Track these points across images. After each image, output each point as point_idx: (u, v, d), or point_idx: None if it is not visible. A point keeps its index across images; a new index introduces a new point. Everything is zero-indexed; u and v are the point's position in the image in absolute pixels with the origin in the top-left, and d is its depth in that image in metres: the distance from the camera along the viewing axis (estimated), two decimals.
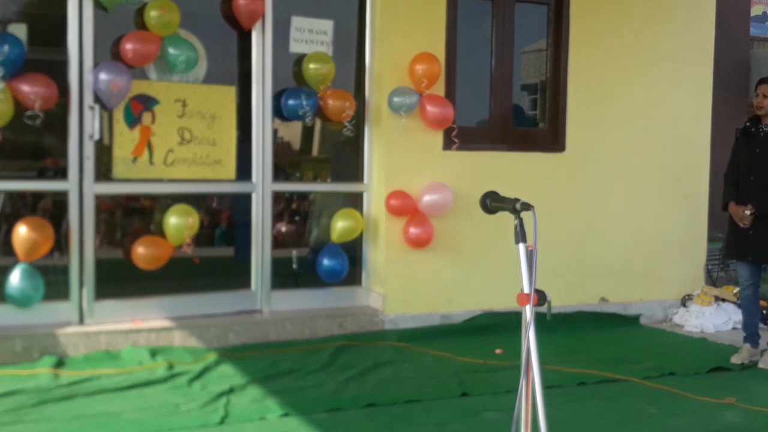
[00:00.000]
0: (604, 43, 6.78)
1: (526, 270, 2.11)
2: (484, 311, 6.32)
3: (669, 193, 7.10)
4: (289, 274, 6.20)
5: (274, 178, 5.95)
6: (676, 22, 7.10)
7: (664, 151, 7.06)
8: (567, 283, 6.51)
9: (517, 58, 6.72)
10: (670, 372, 5.23)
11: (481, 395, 4.65)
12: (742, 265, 5.66)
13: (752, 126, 5.62)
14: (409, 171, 6.11)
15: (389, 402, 4.48)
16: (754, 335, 5.61)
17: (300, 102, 5.82)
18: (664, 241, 7.07)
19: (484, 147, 6.42)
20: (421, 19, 6.13)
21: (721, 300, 6.91)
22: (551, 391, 4.14)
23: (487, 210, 2.35)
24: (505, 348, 5.60)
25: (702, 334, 6.50)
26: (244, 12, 5.66)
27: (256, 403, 4.33)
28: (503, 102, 6.59)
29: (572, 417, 4.25)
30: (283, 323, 5.77)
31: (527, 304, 2.09)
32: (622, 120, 6.89)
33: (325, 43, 6.11)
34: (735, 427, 4.21)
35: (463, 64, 6.36)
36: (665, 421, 4.28)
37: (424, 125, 6.12)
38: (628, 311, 6.91)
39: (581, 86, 6.71)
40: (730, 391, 4.76)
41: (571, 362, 5.32)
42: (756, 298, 5.67)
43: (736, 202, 5.57)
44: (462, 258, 6.30)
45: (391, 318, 6.09)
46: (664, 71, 7.02)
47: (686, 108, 7.15)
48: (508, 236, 2.32)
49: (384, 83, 6.09)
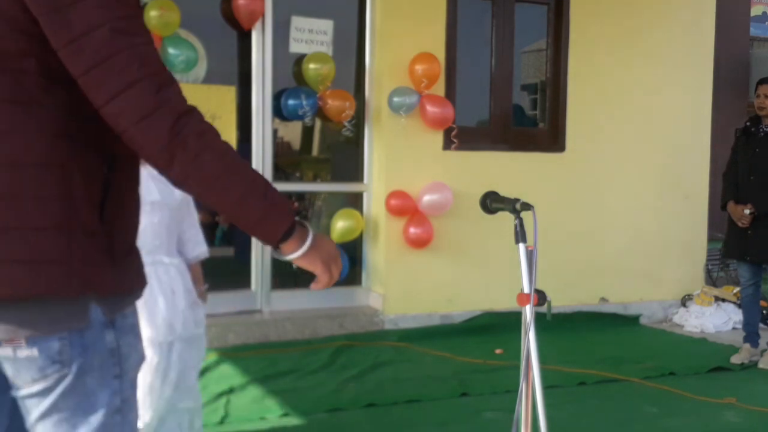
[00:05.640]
0: (604, 43, 6.78)
1: (526, 270, 2.11)
2: (484, 311, 6.32)
3: (669, 193, 7.09)
4: (289, 274, 6.20)
5: (274, 178, 5.95)
6: (676, 22, 7.10)
7: (664, 151, 7.06)
8: (567, 283, 6.50)
9: (517, 58, 6.72)
10: (670, 372, 5.23)
11: (481, 395, 4.65)
12: (742, 265, 5.66)
13: (752, 126, 5.63)
14: (409, 171, 6.10)
15: (389, 402, 4.48)
16: (754, 335, 5.60)
17: (300, 102, 5.81)
18: (664, 241, 7.06)
19: (484, 147, 6.42)
20: (421, 19, 6.13)
21: (721, 300, 6.91)
22: (551, 391, 4.13)
23: (487, 210, 2.35)
24: (505, 348, 5.60)
25: (702, 334, 6.50)
26: (244, 12, 5.66)
27: (256, 403, 4.33)
28: (503, 102, 6.59)
29: (572, 417, 4.25)
30: (283, 323, 5.77)
31: (527, 304, 2.09)
32: (622, 120, 6.89)
33: (325, 43, 6.10)
34: (735, 427, 4.22)
35: (463, 64, 6.36)
36: (665, 421, 4.28)
37: (424, 125, 6.12)
38: (628, 311, 6.91)
39: (581, 86, 6.71)
40: (730, 391, 4.76)
41: (571, 362, 5.31)
42: (756, 298, 5.66)
43: (736, 201, 5.57)
44: (462, 258, 6.30)
45: (391, 318, 6.09)
46: (664, 71, 7.02)
47: (686, 108, 7.15)
48: (508, 236, 2.32)
49: (384, 83, 6.09)
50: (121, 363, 1.53)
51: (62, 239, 1.42)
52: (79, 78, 1.38)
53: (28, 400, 1.49)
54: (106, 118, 1.41)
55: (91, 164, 1.46)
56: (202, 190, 1.48)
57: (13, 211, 1.39)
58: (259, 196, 1.52)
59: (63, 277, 1.42)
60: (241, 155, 1.53)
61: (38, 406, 1.47)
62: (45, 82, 1.41)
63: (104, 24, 1.36)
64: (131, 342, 1.56)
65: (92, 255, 1.46)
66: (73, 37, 1.35)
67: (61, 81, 1.42)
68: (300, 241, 1.60)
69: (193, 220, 3.22)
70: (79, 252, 1.43)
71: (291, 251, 1.60)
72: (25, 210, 1.40)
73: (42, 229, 1.41)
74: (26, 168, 1.40)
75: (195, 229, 3.23)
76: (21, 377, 1.46)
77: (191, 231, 3.20)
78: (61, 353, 1.45)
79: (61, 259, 1.42)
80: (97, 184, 1.47)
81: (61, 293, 1.43)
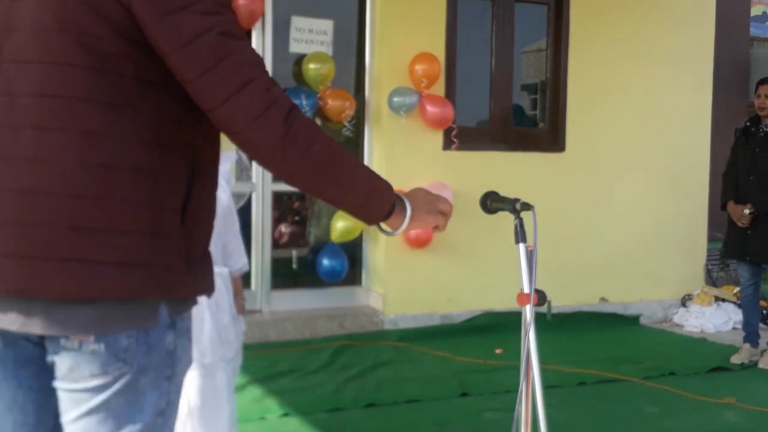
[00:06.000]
0: (604, 43, 6.78)
1: (526, 270, 2.11)
2: (484, 311, 6.32)
3: (669, 193, 7.09)
4: (289, 274, 6.20)
5: (274, 179, 5.95)
6: (676, 22, 7.10)
7: (664, 151, 7.06)
8: (567, 283, 6.50)
9: (517, 58, 6.72)
10: (670, 372, 5.23)
11: (481, 395, 4.65)
12: (742, 265, 5.66)
13: (752, 126, 5.63)
14: (409, 171, 6.10)
15: (389, 402, 4.48)
16: (753, 335, 5.60)
17: (300, 102, 5.81)
18: (664, 241, 7.06)
19: (484, 147, 6.42)
20: (421, 19, 6.13)
21: (721, 300, 6.91)
22: (551, 391, 4.13)
23: (487, 210, 2.35)
24: (505, 348, 5.60)
25: (702, 334, 6.50)
26: (244, 12, 5.66)
27: (256, 403, 4.33)
28: (503, 102, 6.59)
29: (572, 417, 4.25)
30: (283, 323, 5.77)
31: (527, 304, 2.09)
32: (622, 120, 6.88)
33: (325, 43, 6.10)
34: (735, 427, 4.22)
35: (463, 64, 6.36)
36: (665, 421, 4.28)
37: (424, 125, 6.12)
38: (628, 311, 6.91)
39: (581, 86, 6.71)
40: (730, 391, 4.76)
41: (571, 362, 5.31)
42: (756, 297, 5.66)
43: (736, 201, 5.58)
44: (462, 258, 6.30)
45: (391, 318, 6.09)
46: (664, 71, 7.02)
47: (686, 108, 7.15)
48: (507, 236, 2.32)
49: (384, 83, 6.09)
50: (173, 365, 1.54)
51: (147, 243, 1.44)
52: (191, 82, 1.41)
53: (78, 394, 1.47)
54: (218, 121, 1.44)
55: (177, 170, 1.49)
56: (313, 181, 1.53)
57: (103, 212, 1.41)
58: (363, 179, 1.61)
59: (146, 281, 1.44)
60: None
61: (89, 401, 1.46)
62: (141, 86, 1.43)
63: (213, 28, 1.40)
64: (185, 345, 1.58)
65: (172, 259, 1.48)
66: (185, 42, 1.39)
67: (156, 86, 1.45)
68: (402, 211, 1.69)
69: (236, 230, 3.10)
70: (161, 256, 1.46)
71: (398, 224, 1.70)
72: (114, 212, 1.42)
73: (129, 232, 1.42)
74: (119, 171, 1.42)
75: (238, 240, 3.11)
76: (79, 371, 1.45)
77: (235, 241, 3.08)
78: (127, 351, 1.45)
79: (145, 262, 1.44)
80: (181, 189, 1.50)
81: (143, 296, 1.45)
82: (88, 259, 1.40)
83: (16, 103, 1.42)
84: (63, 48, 1.40)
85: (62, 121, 1.40)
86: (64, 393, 1.49)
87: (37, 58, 1.41)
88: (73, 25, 1.40)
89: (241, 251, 3.14)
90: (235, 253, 3.09)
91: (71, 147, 1.40)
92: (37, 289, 1.40)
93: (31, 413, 1.56)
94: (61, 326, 1.42)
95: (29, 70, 1.42)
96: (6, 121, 1.43)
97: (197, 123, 1.51)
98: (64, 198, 1.39)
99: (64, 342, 1.44)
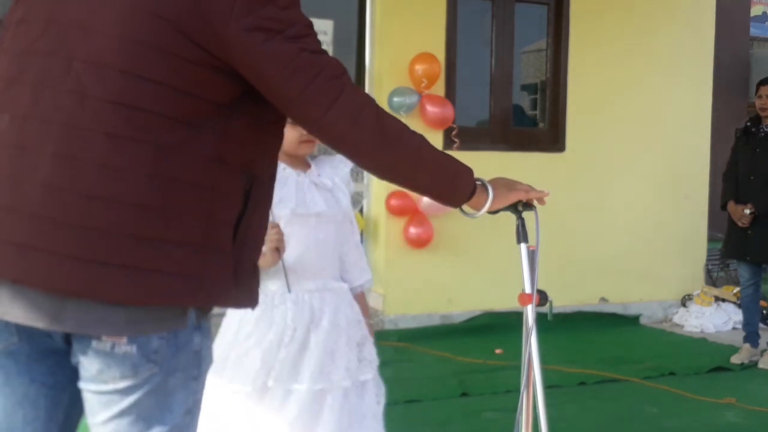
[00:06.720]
0: (604, 43, 6.78)
1: (528, 270, 2.11)
2: (484, 311, 6.31)
3: (669, 193, 7.09)
4: None
5: None
6: (676, 21, 7.10)
7: (664, 151, 7.05)
8: (567, 283, 6.50)
9: (517, 58, 6.72)
10: (670, 372, 5.23)
11: (481, 395, 4.65)
12: (742, 265, 5.66)
13: (752, 126, 5.64)
14: None
15: (389, 402, 4.46)
16: (754, 335, 5.60)
17: None
18: (664, 241, 7.06)
19: (484, 147, 6.41)
20: (421, 19, 6.13)
21: (721, 300, 6.91)
22: (551, 391, 4.12)
23: None
24: (505, 348, 5.60)
25: (702, 334, 6.50)
26: None
27: None
28: (503, 102, 6.59)
29: (572, 417, 4.25)
30: None
31: (529, 304, 2.08)
32: (622, 120, 6.88)
33: (325, 43, 6.10)
34: (735, 427, 4.22)
35: (463, 64, 6.36)
36: (665, 421, 4.28)
37: (424, 125, 6.11)
38: (628, 311, 6.91)
39: (581, 86, 6.71)
40: (730, 391, 4.76)
41: (571, 362, 5.31)
42: (757, 297, 5.66)
43: (736, 201, 5.58)
44: (462, 258, 6.29)
45: (391, 318, 6.09)
46: (664, 71, 7.02)
47: (686, 108, 7.15)
48: (508, 236, 2.32)
49: (384, 83, 6.08)
50: (200, 365, 1.57)
51: (199, 256, 1.48)
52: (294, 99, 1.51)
53: (108, 396, 1.48)
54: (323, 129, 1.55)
55: (235, 187, 1.54)
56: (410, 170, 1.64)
57: (163, 223, 1.45)
58: (443, 162, 1.69)
59: (193, 290, 1.48)
60: None
61: (119, 403, 1.47)
62: (213, 108, 1.49)
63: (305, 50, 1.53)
64: (209, 345, 1.61)
65: (220, 273, 1.52)
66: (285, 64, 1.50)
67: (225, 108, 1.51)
68: (484, 191, 1.79)
69: (356, 240, 2.71)
70: (210, 269, 1.50)
71: (481, 204, 1.80)
72: (173, 224, 1.46)
73: (184, 244, 1.47)
74: (182, 185, 1.46)
75: (359, 251, 2.72)
76: (109, 373, 1.46)
77: (355, 253, 2.69)
78: (157, 352, 1.47)
79: (196, 273, 1.48)
80: (237, 205, 1.55)
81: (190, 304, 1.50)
82: (145, 268, 1.43)
83: (87, 105, 1.43)
84: (149, 64, 1.44)
85: (138, 132, 1.43)
86: (92, 395, 1.49)
87: (120, 67, 1.44)
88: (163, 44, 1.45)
89: (363, 264, 2.74)
90: (356, 267, 2.70)
91: (144, 160, 1.43)
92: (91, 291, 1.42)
93: (42, 408, 1.56)
94: (95, 326, 1.44)
95: (108, 75, 1.44)
96: (76, 122, 1.43)
97: (258, 143, 1.57)
98: (129, 207, 1.42)
99: (95, 344, 1.45)
